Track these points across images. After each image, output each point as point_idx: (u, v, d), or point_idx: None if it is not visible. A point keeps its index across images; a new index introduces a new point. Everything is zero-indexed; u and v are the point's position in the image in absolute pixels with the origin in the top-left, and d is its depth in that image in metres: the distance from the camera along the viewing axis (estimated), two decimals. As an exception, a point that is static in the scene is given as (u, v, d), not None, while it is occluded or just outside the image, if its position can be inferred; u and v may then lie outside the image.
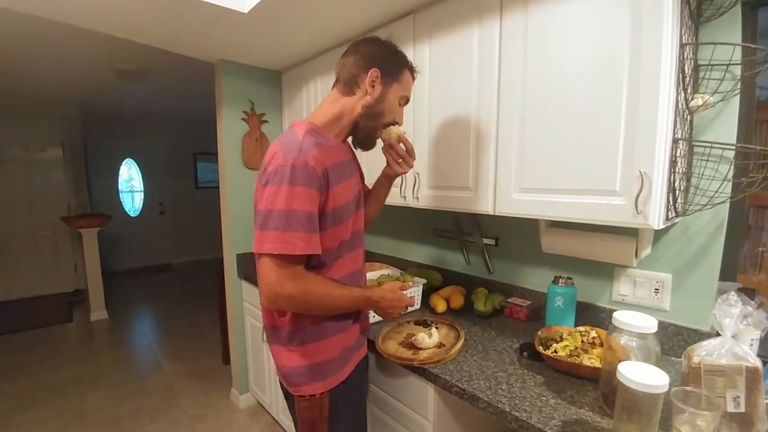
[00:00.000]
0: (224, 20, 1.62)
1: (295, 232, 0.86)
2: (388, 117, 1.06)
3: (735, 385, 0.83)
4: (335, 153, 0.98)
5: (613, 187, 0.98)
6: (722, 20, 1.05)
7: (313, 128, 0.99)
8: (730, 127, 1.08)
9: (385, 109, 1.04)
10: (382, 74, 1.02)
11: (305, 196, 0.87)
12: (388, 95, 1.04)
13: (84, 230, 3.89)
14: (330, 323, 1.01)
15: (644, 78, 0.91)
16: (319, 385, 1.00)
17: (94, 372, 2.91)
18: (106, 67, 3.19)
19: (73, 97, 4.40)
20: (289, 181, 0.86)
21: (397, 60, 1.05)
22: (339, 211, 0.96)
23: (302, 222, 0.87)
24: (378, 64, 1.01)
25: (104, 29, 1.73)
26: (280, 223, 0.86)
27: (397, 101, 1.07)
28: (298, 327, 0.99)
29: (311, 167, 0.88)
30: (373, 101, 1.02)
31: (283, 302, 0.91)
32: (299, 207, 0.87)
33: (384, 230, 2.21)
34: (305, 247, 0.88)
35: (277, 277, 0.88)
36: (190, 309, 4.25)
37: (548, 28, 1.08)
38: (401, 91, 1.06)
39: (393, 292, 1.09)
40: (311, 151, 0.90)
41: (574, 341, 1.09)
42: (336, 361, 1.03)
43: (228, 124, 2.25)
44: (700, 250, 1.15)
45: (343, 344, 1.04)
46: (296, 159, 0.87)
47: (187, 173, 6.39)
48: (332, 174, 0.94)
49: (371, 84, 1.02)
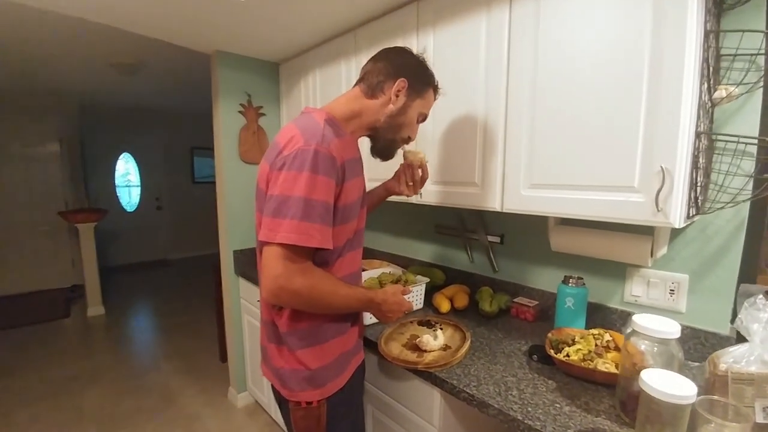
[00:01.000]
0: (221, 7, 1.55)
1: (313, 223, 0.81)
2: (405, 131, 1.05)
3: (765, 394, 0.78)
4: (351, 148, 0.96)
5: (631, 183, 0.93)
6: (747, 7, 0.99)
7: (332, 119, 0.95)
8: (753, 120, 1.02)
9: (405, 122, 1.03)
10: (409, 86, 0.99)
11: (326, 186, 0.82)
12: (409, 109, 1.02)
13: (81, 225, 3.84)
14: (328, 325, 0.96)
15: (667, 67, 0.85)
16: (316, 392, 0.95)
17: (92, 369, 2.86)
18: (103, 60, 3.13)
19: (70, 92, 4.34)
20: (311, 167, 0.80)
21: (426, 76, 1.04)
22: (349, 207, 0.92)
23: (320, 213, 0.82)
24: (407, 75, 0.99)
25: (98, 18, 1.66)
26: (297, 212, 0.79)
27: (416, 117, 1.05)
28: (295, 328, 0.93)
29: (333, 156, 0.84)
30: (395, 111, 1.00)
31: (287, 297, 0.84)
32: (319, 197, 0.81)
33: (385, 227, 2.15)
34: (321, 240, 0.82)
35: (285, 270, 0.81)
36: (188, 305, 4.20)
37: (562, 15, 1.02)
38: (422, 107, 1.05)
39: (395, 296, 1.03)
40: (333, 141, 0.86)
41: (588, 345, 1.04)
42: (334, 367, 0.97)
43: (225, 117, 2.19)
44: (719, 250, 1.09)
45: (341, 348, 0.99)
46: (319, 145, 0.82)
47: (184, 168, 6.31)
48: (348, 168, 0.90)
49: (396, 93, 0.99)
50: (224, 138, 2.20)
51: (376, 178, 1.60)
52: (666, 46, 0.85)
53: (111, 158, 5.66)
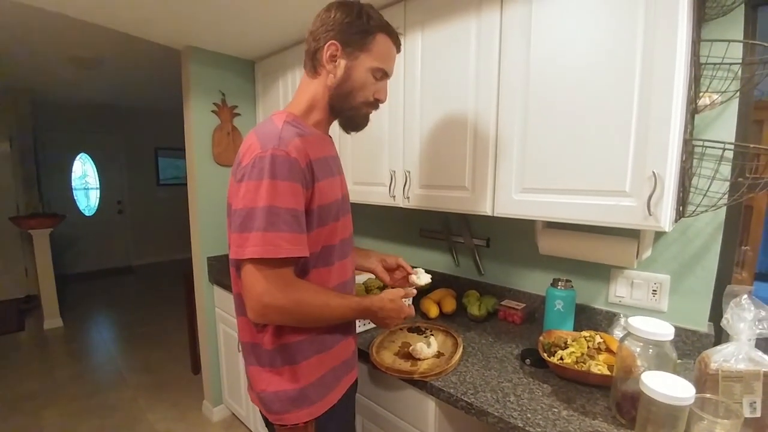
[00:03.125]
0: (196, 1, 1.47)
1: (279, 232, 0.75)
2: (362, 95, 0.90)
3: (752, 390, 0.81)
4: (320, 146, 0.88)
5: (623, 188, 0.94)
6: (726, 19, 1.03)
7: (293, 118, 0.87)
8: (730, 126, 1.06)
9: (355, 86, 0.88)
10: (343, 46, 0.86)
11: (289, 191, 0.76)
12: (354, 71, 0.87)
13: (35, 231, 3.58)
14: (317, 339, 0.90)
15: (658, 74, 0.87)
16: (303, 412, 0.88)
17: (50, 386, 2.66)
18: (58, 53, 2.93)
19: (21, 86, 4.04)
20: (270, 174, 0.75)
21: (362, 25, 0.85)
22: (325, 209, 0.86)
23: (286, 220, 0.76)
24: (336, 35, 0.85)
25: (56, 8, 1.53)
26: (261, 223, 0.74)
27: (370, 75, 0.89)
28: (280, 344, 0.87)
29: (293, 159, 0.77)
30: (339, 79, 0.87)
31: (275, 314, 0.80)
32: (283, 204, 0.76)
33: (368, 231, 2.12)
34: (291, 249, 0.77)
35: (266, 286, 0.76)
36: (154, 314, 4.00)
37: (554, 21, 1.02)
38: (372, 62, 0.88)
39: (393, 302, 0.97)
40: (293, 141, 0.79)
41: (580, 347, 1.05)
42: (323, 384, 0.91)
43: (197, 116, 2.08)
44: (698, 251, 1.14)
45: (331, 364, 0.93)
46: (276, 149, 0.76)
47: (147, 169, 6.01)
48: (317, 168, 0.83)
49: (330, 60, 0.87)
50: (196, 139, 2.09)
51: (367, 181, 1.58)
52: (657, 53, 0.87)
53: (67, 159, 5.32)
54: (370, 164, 1.56)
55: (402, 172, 1.43)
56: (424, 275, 1.11)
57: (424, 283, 1.10)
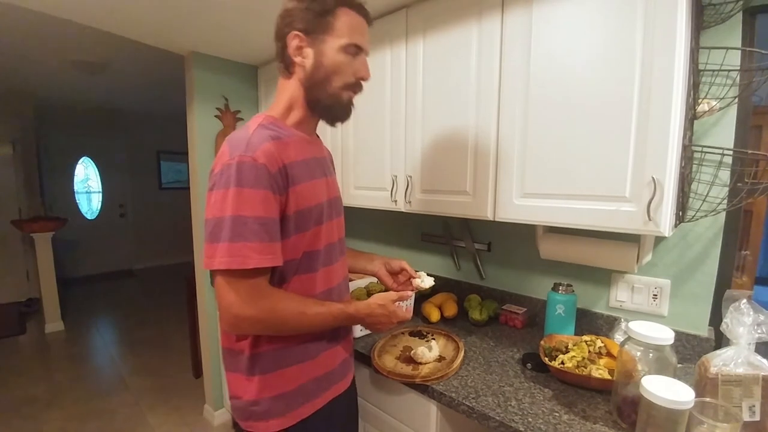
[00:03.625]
0: (199, 7, 1.49)
1: (246, 242, 0.73)
2: (340, 78, 0.85)
3: (751, 394, 0.82)
4: (300, 148, 0.85)
5: (623, 193, 0.95)
6: (724, 26, 1.04)
7: (271, 120, 0.85)
8: (729, 132, 1.07)
9: (329, 71, 0.84)
10: (306, 35, 0.82)
11: (255, 198, 0.74)
12: (324, 55, 0.83)
13: (37, 235, 3.59)
14: (297, 348, 0.87)
15: (657, 81, 0.88)
16: (274, 422, 0.85)
17: (51, 390, 2.66)
18: (62, 58, 2.95)
19: (25, 90, 4.07)
20: (236, 182, 0.73)
21: (319, 5, 0.82)
22: (304, 214, 0.83)
23: (254, 230, 0.74)
24: (296, 25, 0.82)
25: (62, 14, 1.55)
26: (228, 233, 0.73)
27: (343, 55, 0.84)
28: (258, 352, 0.84)
29: (261, 164, 0.75)
30: (310, 71, 0.84)
31: (247, 325, 0.79)
32: (250, 212, 0.74)
33: (370, 235, 2.13)
34: (260, 260, 0.74)
35: (236, 298, 0.75)
36: (155, 318, 4.01)
37: (554, 27, 1.04)
38: (341, 40, 0.83)
39: (383, 308, 0.92)
40: (262, 146, 0.76)
41: (581, 352, 1.05)
42: (301, 394, 0.88)
43: (200, 121, 2.10)
44: (698, 256, 1.14)
45: (313, 374, 0.90)
46: (242, 156, 0.74)
47: (149, 173, 6.04)
48: (294, 171, 0.81)
49: (297, 53, 0.83)
50: (199, 143, 2.11)
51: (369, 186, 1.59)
52: (656, 60, 0.88)
53: (70, 162, 5.34)
54: (371, 169, 1.57)
55: (404, 176, 1.44)
56: (428, 279, 1.10)
57: (428, 287, 1.10)
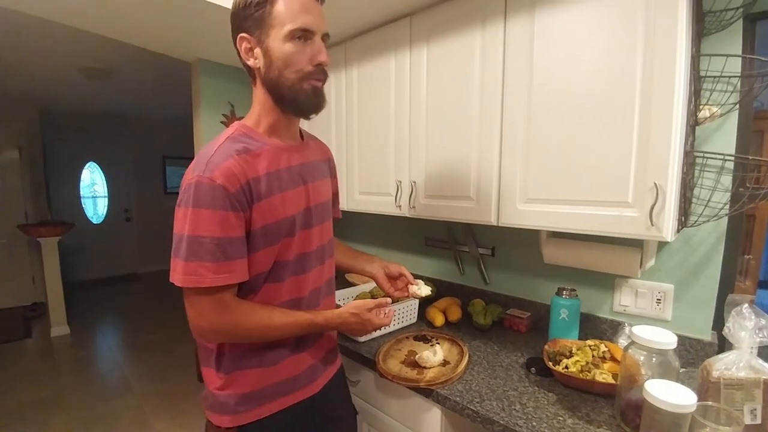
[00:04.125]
0: (207, 16, 1.52)
1: (201, 262, 0.75)
2: (293, 69, 0.81)
3: (753, 397, 0.83)
4: (271, 158, 0.83)
5: (625, 199, 0.96)
6: (725, 33, 1.05)
7: (243, 131, 0.84)
8: (730, 138, 1.08)
9: (280, 65, 0.80)
10: (250, 34, 0.80)
11: (210, 219, 0.75)
12: (271, 50, 0.80)
13: (43, 239, 3.62)
14: (257, 354, 0.88)
15: (658, 88, 0.89)
16: (227, 417, 0.87)
17: (56, 393, 2.69)
18: (70, 64, 3.00)
19: (32, 96, 4.12)
20: (193, 202, 0.75)
21: (256, 1, 0.78)
22: (272, 229, 0.82)
23: (209, 249, 0.75)
24: (240, 28, 0.81)
25: (71, 22, 1.58)
26: (184, 251, 0.75)
27: (290, 43, 0.79)
28: (222, 351, 0.87)
29: (218, 185, 0.74)
30: (264, 70, 0.82)
31: (212, 335, 0.83)
32: (206, 233, 0.75)
33: (373, 240, 2.14)
34: (215, 279, 0.76)
35: (198, 311, 0.79)
36: (159, 322, 4.03)
37: (556, 36, 1.05)
38: (284, 28, 0.78)
39: (356, 316, 0.91)
40: (223, 164, 0.76)
41: (585, 356, 1.06)
42: (255, 396, 0.88)
43: (206, 127, 2.13)
44: (701, 260, 1.15)
45: (272, 379, 0.90)
46: (201, 176, 0.75)
47: (155, 178, 6.08)
48: (260, 186, 0.80)
49: (249, 55, 0.82)
50: (205, 149, 2.13)
51: (373, 191, 1.61)
52: (657, 68, 0.89)
53: (76, 167, 5.39)
54: (376, 174, 1.59)
55: (408, 182, 1.46)
56: (425, 287, 1.10)
57: (424, 295, 1.10)
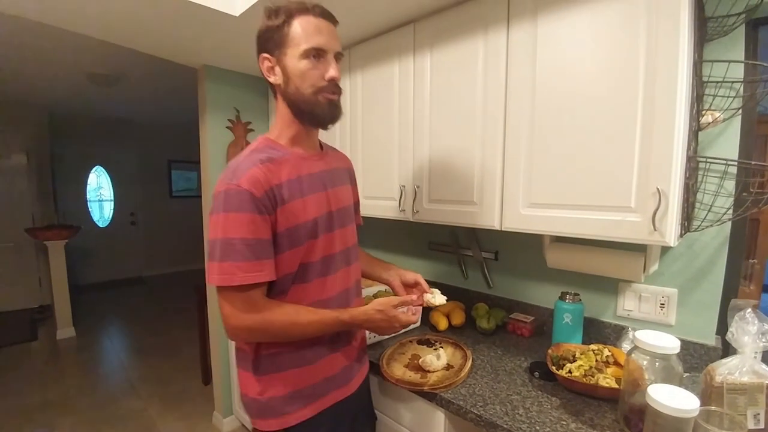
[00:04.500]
0: (213, 23, 1.54)
1: (233, 262, 0.82)
2: (307, 85, 0.88)
3: (756, 402, 0.83)
4: (294, 166, 0.90)
5: (628, 204, 0.97)
6: (727, 39, 1.06)
7: (267, 143, 0.93)
8: (733, 143, 1.09)
9: (296, 81, 0.88)
10: (270, 54, 0.89)
11: (240, 222, 0.82)
12: (288, 68, 0.88)
13: (50, 242, 3.65)
14: (295, 354, 0.92)
15: (660, 94, 0.90)
16: (274, 421, 0.92)
17: (62, 395, 2.70)
18: (77, 70, 3.04)
19: (40, 101, 4.17)
20: (223, 208, 0.82)
21: (273, 23, 0.88)
22: (295, 231, 0.88)
23: (239, 250, 0.82)
24: (262, 49, 0.91)
25: (82, 30, 1.61)
26: (218, 253, 0.82)
27: (304, 61, 0.87)
28: (260, 355, 0.92)
29: (244, 190, 0.82)
30: (283, 86, 0.90)
31: (244, 334, 0.89)
32: (235, 234, 0.82)
33: (377, 244, 2.15)
34: (244, 277, 0.82)
35: (231, 309, 0.84)
36: (164, 325, 4.05)
37: (558, 41, 1.06)
38: (298, 48, 0.86)
39: (381, 313, 0.94)
40: (249, 172, 0.83)
41: (588, 360, 1.06)
42: (299, 397, 0.93)
43: (212, 132, 2.15)
44: (705, 265, 1.15)
45: (311, 380, 0.94)
46: (228, 184, 0.83)
47: (160, 181, 6.13)
48: (283, 191, 0.86)
49: (270, 73, 0.91)
50: (211, 153, 2.16)
51: (377, 195, 1.62)
52: (659, 74, 0.90)
53: (83, 171, 5.44)
54: (380, 179, 1.60)
55: (411, 186, 1.47)
56: (440, 297, 1.11)
57: (437, 304, 1.10)
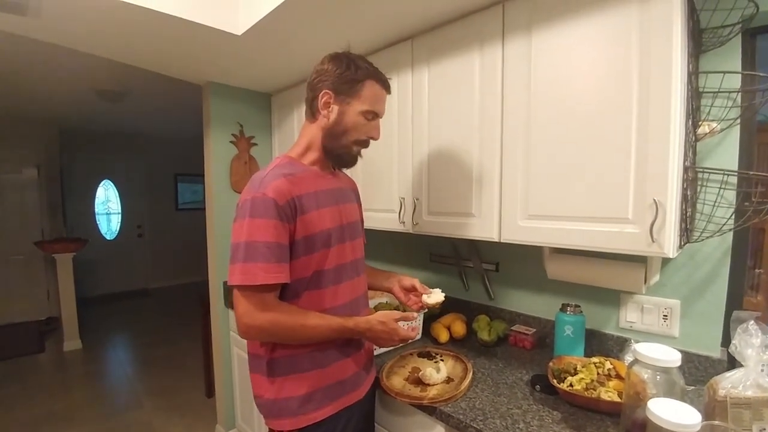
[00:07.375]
0: (216, 42, 1.58)
1: (255, 263, 0.88)
2: (354, 135, 1.01)
3: (761, 417, 0.81)
4: (312, 182, 0.99)
5: (626, 215, 0.97)
6: (723, 49, 1.06)
7: (288, 161, 1.02)
8: (732, 153, 1.08)
9: (347, 128, 1.00)
10: (335, 94, 0.98)
11: (264, 226, 0.89)
12: (346, 115, 0.99)
13: (58, 255, 3.70)
14: (308, 357, 0.97)
15: (654, 107, 0.90)
16: (287, 421, 0.97)
17: (69, 407, 2.71)
18: (86, 86, 3.11)
19: (50, 117, 4.26)
20: (249, 214, 0.89)
21: (351, 75, 0.98)
22: (312, 239, 0.95)
23: (262, 252, 0.88)
24: (329, 85, 0.98)
25: (91, 50, 1.66)
26: (241, 255, 0.88)
27: (362, 118, 1.00)
28: (273, 357, 0.97)
29: (270, 198, 0.89)
30: (331, 123, 1.00)
31: (255, 333, 0.93)
32: (259, 238, 0.88)
33: (378, 255, 2.15)
34: (266, 277, 0.88)
35: (246, 308, 0.89)
36: (170, 337, 4.06)
37: (553, 55, 1.07)
38: (363, 106, 0.99)
39: (383, 324, 0.99)
40: (273, 183, 0.91)
41: (590, 374, 1.05)
42: (311, 399, 0.97)
43: (216, 146, 2.18)
44: (707, 276, 1.14)
45: (323, 382, 0.99)
46: (255, 193, 0.90)
47: (167, 194, 6.21)
48: (303, 203, 0.94)
49: (325, 107, 0.99)
50: (215, 168, 2.19)
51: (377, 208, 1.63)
52: (653, 85, 0.91)
53: (91, 185, 5.53)
54: (380, 192, 1.61)
55: (411, 199, 1.48)
56: (437, 294, 1.15)
57: (434, 302, 1.14)
